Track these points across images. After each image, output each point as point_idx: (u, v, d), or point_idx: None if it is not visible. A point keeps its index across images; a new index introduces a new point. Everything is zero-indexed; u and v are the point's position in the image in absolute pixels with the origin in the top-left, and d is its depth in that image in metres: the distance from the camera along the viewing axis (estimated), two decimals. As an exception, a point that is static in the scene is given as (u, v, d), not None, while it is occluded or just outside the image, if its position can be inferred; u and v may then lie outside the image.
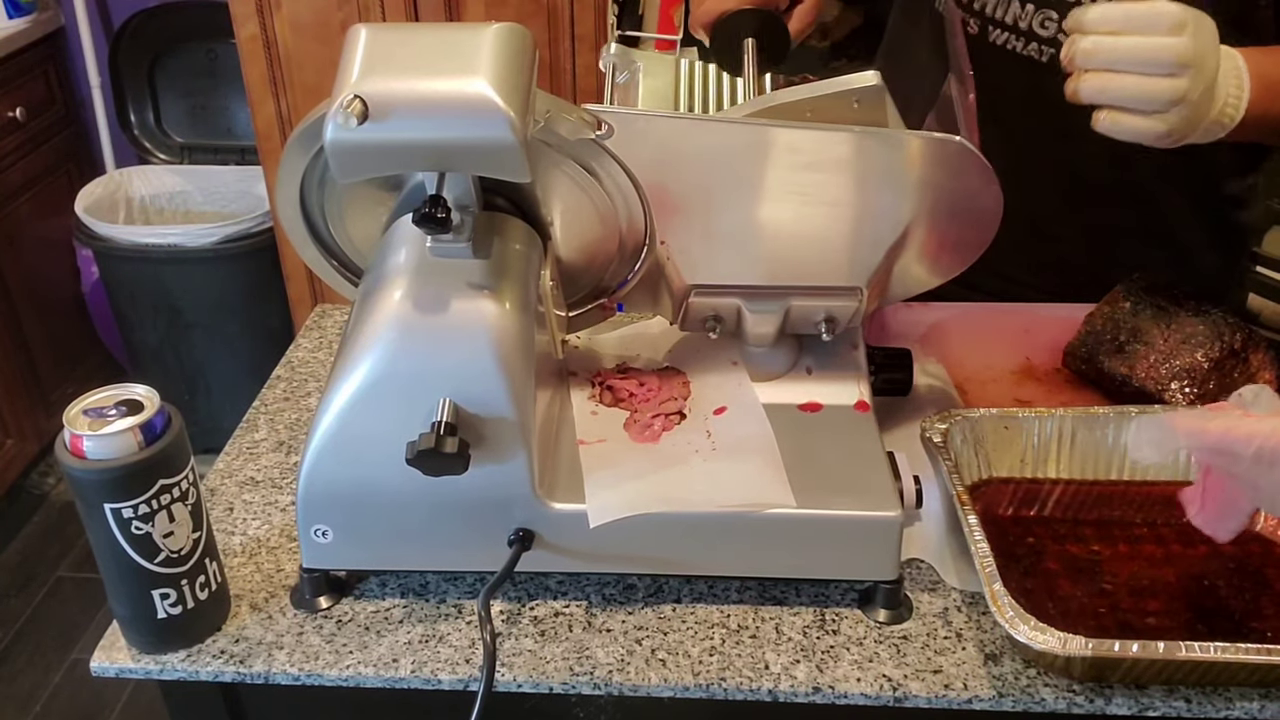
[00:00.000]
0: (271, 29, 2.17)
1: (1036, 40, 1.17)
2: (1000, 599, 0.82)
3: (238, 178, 2.76)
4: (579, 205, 0.92)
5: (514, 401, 0.83)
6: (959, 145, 0.88)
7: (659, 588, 0.93)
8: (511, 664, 0.86)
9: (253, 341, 2.61)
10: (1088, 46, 0.90)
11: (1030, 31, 1.17)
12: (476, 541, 0.88)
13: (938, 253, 0.96)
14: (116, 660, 0.87)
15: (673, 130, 0.89)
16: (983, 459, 1.00)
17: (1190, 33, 0.89)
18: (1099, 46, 0.90)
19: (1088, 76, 0.91)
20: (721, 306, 0.98)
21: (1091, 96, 0.91)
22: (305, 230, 0.96)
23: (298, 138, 0.87)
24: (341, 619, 0.90)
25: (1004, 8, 1.18)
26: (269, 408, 1.16)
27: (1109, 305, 1.14)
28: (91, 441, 0.78)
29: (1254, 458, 0.75)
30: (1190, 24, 0.89)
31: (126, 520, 0.79)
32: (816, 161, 0.90)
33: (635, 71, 1.09)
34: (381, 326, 0.84)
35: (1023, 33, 1.18)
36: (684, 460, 0.92)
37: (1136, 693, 0.83)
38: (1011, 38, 1.18)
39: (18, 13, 2.64)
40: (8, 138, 2.58)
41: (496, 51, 0.78)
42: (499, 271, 0.86)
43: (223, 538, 0.98)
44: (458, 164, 0.81)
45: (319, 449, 0.85)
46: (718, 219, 0.93)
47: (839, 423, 0.97)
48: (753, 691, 0.85)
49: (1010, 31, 1.18)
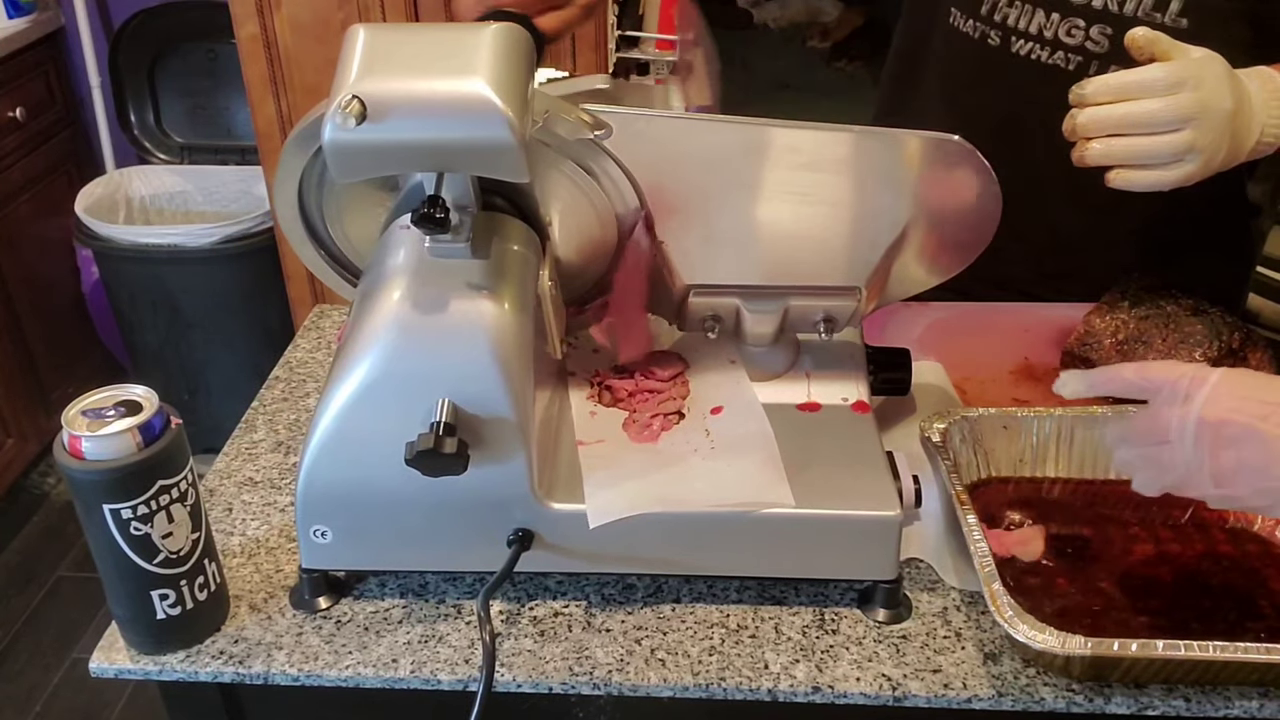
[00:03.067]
0: (271, 29, 2.17)
1: (1063, 49, 1.18)
2: (999, 598, 0.82)
3: (238, 178, 2.76)
4: (577, 205, 0.92)
5: (513, 402, 0.83)
6: (958, 145, 0.89)
7: (658, 588, 0.93)
8: (511, 664, 0.86)
9: (253, 341, 2.61)
10: (1085, 119, 0.95)
11: (1056, 40, 1.18)
12: (476, 542, 0.88)
13: (936, 253, 0.96)
14: (116, 661, 0.87)
15: (671, 130, 0.89)
16: (981, 458, 1.00)
17: (1190, 87, 0.93)
18: (1096, 116, 0.95)
19: (1092, 143, 0.95)
20: (720, 306, 0.98)
21: (1098, 160, 0.95)
22: (304, 230, 0.96)
23: (296, 138, 0.87)
24: (341, 619, 0.90)
25: (1028, 18, 1.19)
26: (268, 408, 1.16)
27: (1108, 305, 1.14)
28: (90, 442, 0.78)
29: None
30: (1189, 79, 0.93)
31: (125, 521, 0.79)
32: (815, 161, 0.90)
33: None
34: (380, 327, 0.84)
35: (1048, 41, 1.19)
36: (683, 460, 0.92)
37: (1136, 692, 0.83)
38: (1036, 47, 1.19)
39: (18, 13, 2.64)
40: (8, 138, 2.58)
41: (495, 52, 0.78)
42: (498, 272, 0.86)
43: (222, 538, 0.98)
44: (456, 164, 0.81)
45: (318, 449, 0.85)
46: (716, 219, 0.93)
47: (838, 422, 0.97)
48: (752, 691, 0.85)
49: (1035, 41, 1.19)
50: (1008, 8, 1.20)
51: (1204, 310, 1.10)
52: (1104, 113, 0.94)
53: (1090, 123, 0.95)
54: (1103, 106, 0.95)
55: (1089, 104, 0.95)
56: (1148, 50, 0.95)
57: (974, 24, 1.23)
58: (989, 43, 1.23)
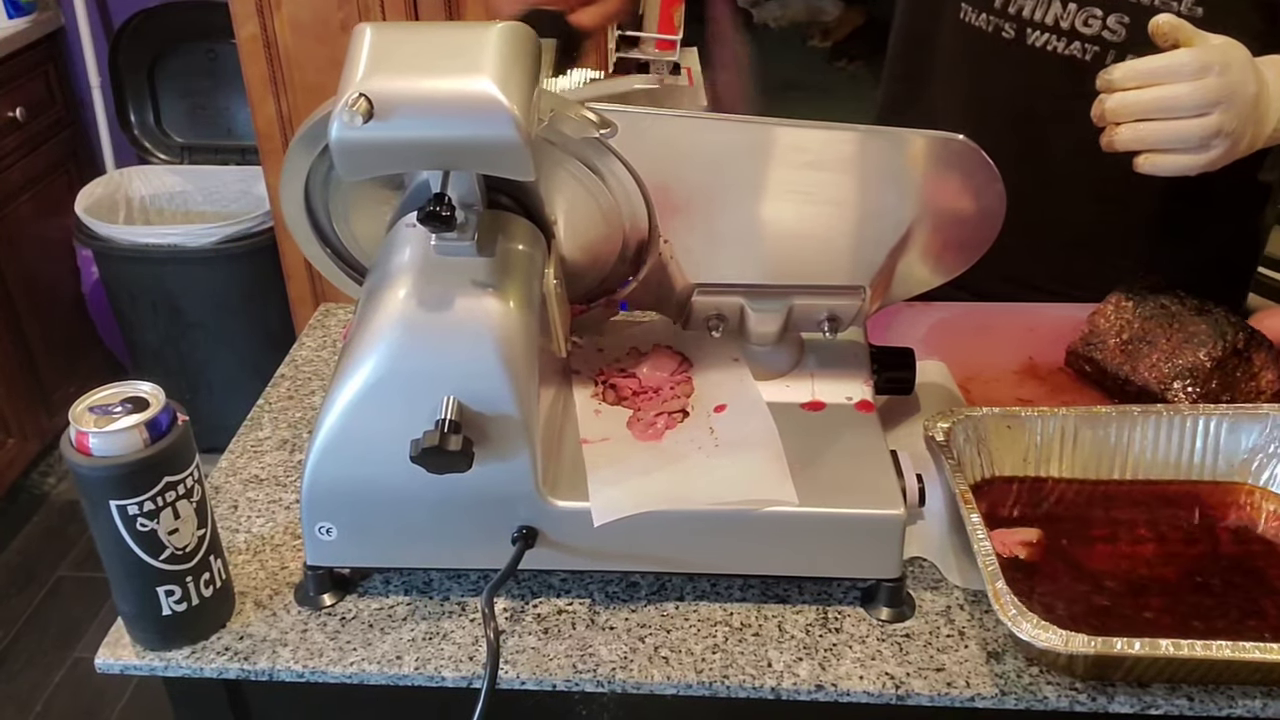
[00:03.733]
0: (271, 29, 2.17)
1: (1080, 39, 1.18)
2: (1003, 597, 0.82)
3: (238, 178, 2.76)
4: (583, 204, 0.92)
5: (518, 400, 0.83)
6: (963, 144, 0.89)
7: (662, 585, 0.93)
8: (515, 661, 0.86)
9: (253, 341, 2.61)
10: (1115, 104, 0.95)
11: (1073, 30, 1.18)
12: (480, 539, 0.88)
13: (941, 252, 0.96)
14: (121, 657, 0.87)
15: (677, 129, 0.90)
16: (985, 458, 1.00)
17: (1217, 71, 0.93)
18: (1125, 101, 0.95)
19: (1121, 128, 0.96)
20: (724, 305, 0.98)
21: (1128, 145, 0.96)
22: (310, 228, 0.96)
23: (302, 136, 0.87)
24: (345, 616, 0.90)
25: (1044, 9, 1.19)
26: (273, 406, 1.16)
27: (1112, 305, 1.14)
28: (97, 438, 0.78)
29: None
30: (1215, 64, 0.94)
31: (131, 517, 0.80)
32: (820, 160, 0.90)
33: None
34: (386, 325, 0.84)
35: (1064, 32, 1.19)
36: (687, 458, 0.92)
37: (1139, 691, 0.83)
38: (1052, 38, 1.19)
39: (18, 13, 2.64)
40: (8, 138, 2.58)
41: (501, 50, 0.78)
42: (503, 270, 0.86)
43: (227, 535, 0.98)
44: (462, 162, 0.81)
45: (323, 447, 0.85)
46: (721, 218, 0.93)
47: (842, 422, 0.97)
48: (755, 689, 0.85)
49: (1051, 32, 1.19)
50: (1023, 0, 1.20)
51: (1208, 310, 1.10)
52: (1133, 98, 0.95)
53: (1120, 107, 0.95)
54: (1131, 91, 0.95)
55: (1117, 89, 0.95)
56: (1171, 36, 0.95)
57: (987, 17, 1.23)
58: (1003, 36, 1.22)
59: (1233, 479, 1.00)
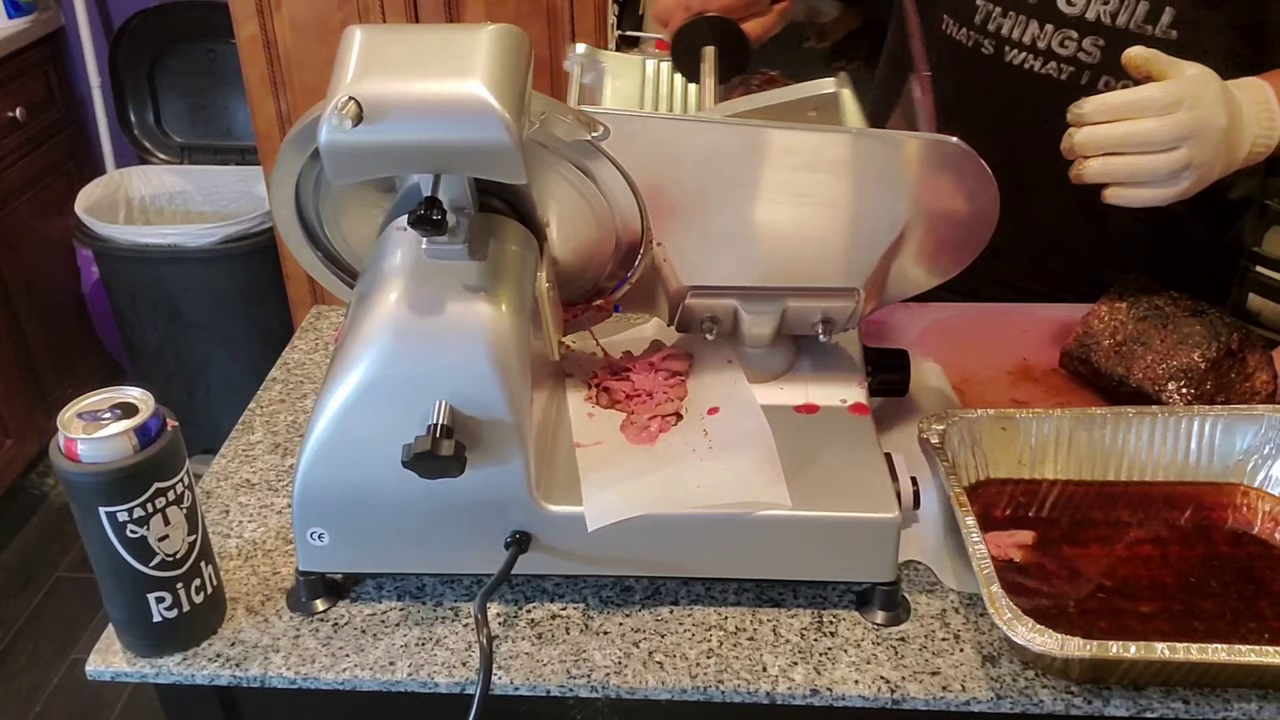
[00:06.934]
0: (271, 29, 2.17)
1: (1055, 59, 1.19)
2: (998, 600, 0.82)
3: (238, 178, 2.76)
4: (575, 207, 0.92)
5: (510, 404, 0.83)
6: (956, 146, 0.88)
7: (656, 590, 0.93)
8: (508, 667, 0.86)
9: (253, 342, 2.61)
10: (1083, 138, 0.96)
11: (1049, 50, 1.19)
12: (473, 544, 0.88)
13: (935, 254, 0.95)
14: (112, 664, 0.87)
15: (669, 131, 0.89)
16: (980, 460, 1.00)
17: (1187, 105, 0.94)
18: (1094, 135, 0.96)
19: (1090, 162, 0.97)
20: (718, 308, 0.98)
21: (1096, 178, 0.97)
22: (301, 232, 0.96)
23: (293, 139, 0.87)
24: (338, 622, 0.90)
25: (1022, 28, 1.20)
26: (265, 409, 1.16)
27: (1106, 306, 1.13)
28: (86, 445, 0.77)
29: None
30: (1186, 98, 0.94)
31: (121, 524, 0.79)
32: (813, 162, 0.90)
33: (601, 73, 1.09)
34: (377, 329, 0.83)
35: (1041, 52, 1.20)
36: (681, 460, 0.91)
37: (1134, 694, 0.83)
38: (1030, 57, 1.20)
39: (18, 13, 2.64)
40: (8, 138, 2.58)
41: (492, 53, 0.77)
42: (495, 273, 0.86)
43: (218, 540, 0.98)
44: (453, 166, 0.81)
45: (315, 451, 0.85)
46: (714, 220, 0.93)
47: (836, 424, 0.96)
48: (750, 693, 0.84)
49: (1028, 51, 1.20)
50: (1001, 18, 1.21)
51: (1202, 311, 1.09)
52: (1102, 132, 0.96)
53: (1088, 141, 0.96)
54: (1100, 125, 0.96)
55: (1086, 123, 0.96)
56: (1144, 69, 0.96)
57: (967, 32, 1.24)
58: (982, 51, 1.24)
59: (1228, 480, 1.00)
